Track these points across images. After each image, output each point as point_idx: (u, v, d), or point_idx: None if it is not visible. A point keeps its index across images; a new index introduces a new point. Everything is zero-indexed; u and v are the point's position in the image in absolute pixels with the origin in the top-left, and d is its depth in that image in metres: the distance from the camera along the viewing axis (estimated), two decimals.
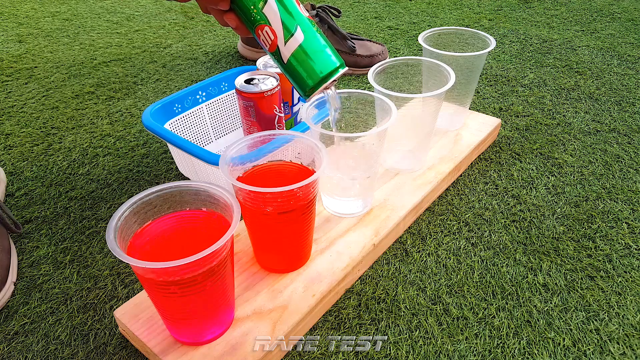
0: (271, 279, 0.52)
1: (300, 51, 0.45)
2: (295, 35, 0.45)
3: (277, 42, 0.45)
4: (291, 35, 0.45)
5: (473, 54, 0.68)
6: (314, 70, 0.46)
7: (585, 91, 0.97)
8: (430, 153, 0.72)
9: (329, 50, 0.46)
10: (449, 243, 0.62)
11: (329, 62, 0.46)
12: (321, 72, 0.46)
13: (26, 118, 0.90)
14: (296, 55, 0.45)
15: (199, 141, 0.75)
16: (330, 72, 0.46)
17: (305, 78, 0.46)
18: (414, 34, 1.26)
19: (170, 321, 0.44)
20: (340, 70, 0.47)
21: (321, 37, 0.46)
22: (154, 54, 1.16)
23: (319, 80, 0.46)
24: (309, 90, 0.47)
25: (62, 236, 0.63)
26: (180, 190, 0.44)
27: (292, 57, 0.45)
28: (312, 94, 0.47)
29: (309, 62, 0.45)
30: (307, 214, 0.49)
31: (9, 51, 1.17)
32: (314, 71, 0.46)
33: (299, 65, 0.46)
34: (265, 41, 0.46)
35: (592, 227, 0.64)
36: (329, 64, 0.46)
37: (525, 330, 0.51)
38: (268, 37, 0.45)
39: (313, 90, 0.47)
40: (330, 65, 0.46)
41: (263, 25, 0.45)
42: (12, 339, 0.51)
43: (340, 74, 0.47)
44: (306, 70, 0.46)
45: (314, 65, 0.45)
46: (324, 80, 0.46)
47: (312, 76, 0.46)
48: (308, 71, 0.46)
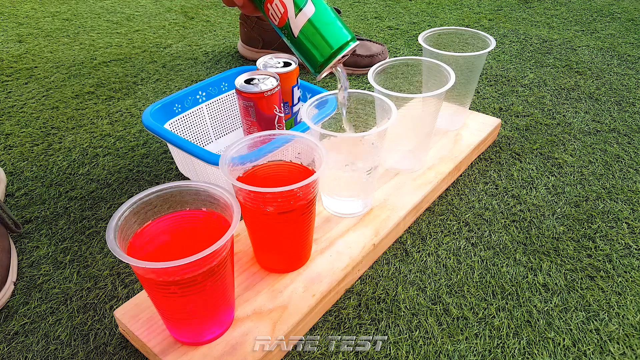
0: (271, 279, 0.52)
1: (310, 25, 0.44)
2: (306, 8, 0.44)
3: (287, 15, 0.44)
4: (301, 8, 0.44)
5: (473, 54, 0.68)
6: (324, 44, 0.45)
7: (585, 91, 0.97)
8: (430, 153, 0.72)
9: (339, 23, 0.45)
10: (449, 243, 0.62)
11: (340, 36, 0.45)
12: (332, 47, 0.45)
13: (26, 118, 0.90)
14: (306, 29, 0.44)
15: (199, 141, 0.75)
16: (341, 46, 0.45)
17: (316, 52, 0.45)
18: (414, 34, 1.26)
19: (170, 321, 0.44)
20: (352, 44, 0.46)
21: (331, 10, 0.45)
22: (154, 54, 1.16)
23: (330, 55, 0.45)
24: (320, 66, 0.46)
25: (62, 236, 0.63)
26: (180, 190, 0.44)
27: (302, 31, 0.44)
28: (323, 70, 0.46)
29: (319, 36, 0.44)
30: (307, 214, 0.49)
31: (9, 51, 1.17)
32: (325, 45, 0.45)
33: (309, 40, 0.45)
34: (275, 15, 0.45)
35: (592, 227, 0.64)
36: (339, 38, 0.45)
37: (525, 330, 0.51)
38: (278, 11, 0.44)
39: (324, 66, 0.46)
40: (341, 39, 0.45)
41: None
42: (12, 339, 0.51)
43: (351, 48, 0.46)
44: (317, 44, 0.45)
45: (325, 39, 0.44)
46: (335, 55, 0.45)
47: (322, 51, 0.45)
48: (318, 45, 0.45)
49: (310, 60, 0.46)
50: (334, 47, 0.45)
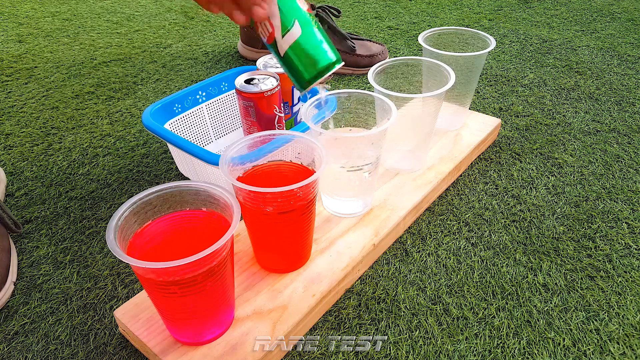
0: (271, 279, 0.52)
1: (297, 45, 0.46)
2: (293, 30, 0.45)
3: (275, 35, 0.45)
4: (288, 30, 0.45)
5: (473, 54, 0.68)
6: (310, 64, 0.46)
7: (585, 91, 0.97)
8: (430, 153, 0.72)
9: (326, 45, 0.47)
10: (449, 243, 0.62)
11: (325, 57, 0.46)
12: (317, 67, 0.46)
13: (26, 118, 0.90)
14: (293, 49, 0.46)
15: (199, 141, 0.75)
16: (326, 67, 0.47)
17: (302, 71, 0.47)
18: (414, 34, 1.26)
19: (170, 321, 0.44)
20: (337, 65, 0.47)
21: (319, 31, 0.46)
22: (154, 54, 1.16)
23: (316, 74, 0.47)
24: (305, 84, 0.48)
25: (62, 236, 0.63)
26: (180, 190, 0.44)
27: (289, 51, 0.46)
28: (309, 87, 0.48)
29: (305, 56, 0.46)
30: (307, 214, 0.49)
31: (9, 51, 1.17)
32: (310, 65, 0.46)
33: (295, 59, 0.46)
34: (263, 32, 0.46)
35: (592, 227, 0.64)
36: (325, 59, 0.46)
37: (525, 330, 0.51)
38: (266, 30, 0.46)
39: (309, 84, 0.47)
40: (326, 60, 0.46)
41: None
42: (12, 339, 0.51)
43: (336, 68, 0.47)
44: (303, 63, 0.46)
45: (311, 59, 0.46)
46: (321, 75, 0.47)
47: (308, 70, 0.47)
48: (305, 65, 0.46)
49: (296, 77, 0.48)
50: (319, 68, 0.47)
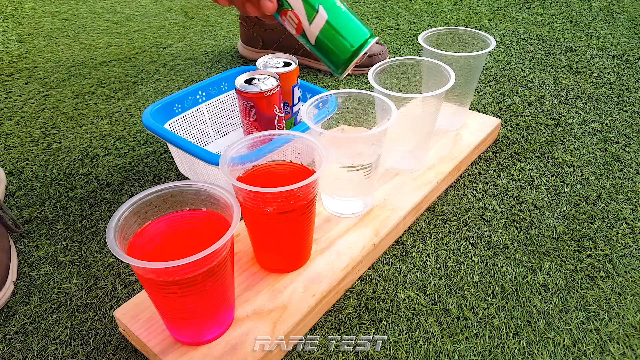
0: (271, 279, 0.52)
1: (327, 29, 0.45)
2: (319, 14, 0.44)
3: (302, 23, 0.45)
4: (314, 15, 0.44)
5: (473, 54, 0.68)
6: (344, 44, 0.45)
7: (585, 91, 0.97)
8: (430, 153, 0.72)
9: (356, 21, 0.46)
10: (449, 243, 0.62)
11: (359, 35, 0.45)
12: (352, 46, 0.45)
13: (26, 118, 0.90)
14: (324, 33, 0.45)
15: (199, 141, 0.75)
16: (361, 45, 0.45)
17: (337, 53, 0.46)
18: (414, 34, 1.26)
19: (170, 321, 0.44)
20: (371, 40, 0.46)
21: (346, 9, 0.45)
22: (154, 54, 1.16)
23: (351, 54, 0.46)
24: (342, 67, 0.46)
25: (62, 236, 0.63)
26: (180, 190, 0.44)
27: (319, 36, 0.45)
28: (346, 70, 0.47)
29: (337, 38, 0.45)
30: (307, 214, 0.49)
31: (9, 51, 1.17)
32: (345, 45, 0.45)
33: (328, 42, 0.45)
34: (291, 25, 0.46)
35: (592, 227, 0.64)
36: (358, 37, 0.45)
37: (525, 330, 0.51)
38: (292, 22, 0.45)
39: (346, 66, 0.46)
40: (361, 38, 0.45)
41: (286, 10, 0.45)
42: (12, 339, 0.51)
43: (371, 44, 0.46)
44: (336, 45, 0.45)
45: (344, 39, 0.45)
46: (356, 54, 0.46)
47: (343, 50, 0.46)
48: (338, 47, 0.45)
49: (333, 61, 0.47)
50: (354, 47, 0.46)
